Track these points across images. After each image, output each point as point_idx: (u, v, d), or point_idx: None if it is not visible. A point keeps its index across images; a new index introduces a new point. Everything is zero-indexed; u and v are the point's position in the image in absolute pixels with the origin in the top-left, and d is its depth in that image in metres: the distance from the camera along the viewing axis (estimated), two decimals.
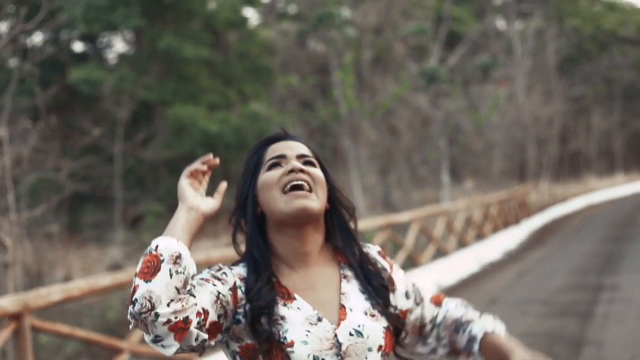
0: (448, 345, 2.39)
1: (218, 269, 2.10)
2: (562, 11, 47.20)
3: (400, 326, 2.24)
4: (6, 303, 5.72)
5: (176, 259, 1.91)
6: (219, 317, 2.01)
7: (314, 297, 2.13)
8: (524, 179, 34.74)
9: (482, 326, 2.34)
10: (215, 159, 2.18)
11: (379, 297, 2.22)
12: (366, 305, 2.16)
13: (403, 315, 2.32)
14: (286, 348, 2.02)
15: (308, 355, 2.02)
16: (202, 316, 1.95)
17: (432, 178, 25.21)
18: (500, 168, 32.10)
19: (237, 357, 2.09)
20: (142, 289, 1.87)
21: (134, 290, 1.89)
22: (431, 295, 2.45)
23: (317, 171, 2.19)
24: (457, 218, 18.77)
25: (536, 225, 27.06)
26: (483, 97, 27.40)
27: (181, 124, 24.90)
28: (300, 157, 2.20)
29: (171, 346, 1.91)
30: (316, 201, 2.13)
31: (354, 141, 21.56)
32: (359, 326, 2.10)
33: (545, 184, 37.78)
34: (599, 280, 14.54)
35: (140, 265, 1.91)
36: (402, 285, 2.36)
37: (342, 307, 2.13)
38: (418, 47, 32.28)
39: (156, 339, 1.91)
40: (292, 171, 2.15)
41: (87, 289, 6.53)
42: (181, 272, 1.91)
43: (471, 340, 2.33)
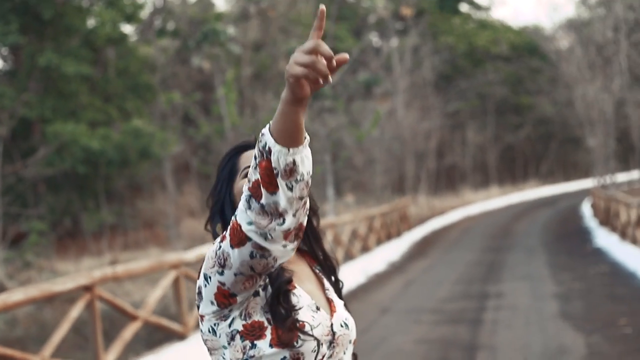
0: None
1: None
2: (437, 29, 48.35)
3: None
4: None
5: (291, 172, 1.85)
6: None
7: (306, 288, 2.25)
8: (404, 192, 35.40)
9: None
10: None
11: (339, 293, 2.36)
12: (341, 302, 2.31)
13: None
14: (300, 328, 2.11)
15: (314, 339, 2.12)
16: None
17: (317, 192, 25.40)
18: (381, 182, 32.62)
19: (237, 337, 2.12)
20: (268, 199, 1.86)
21: (259, 195, 1.88)
22: None
23: None
24: (344, 231, 19.02)
25: (417, 237, 27.63)
26: (364, 113, 27.83)
27: (62, 141, 24.46)
28: None
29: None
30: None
31: None
32: (346, 319, 2.27)
33: (423, 197, 38.59)
34: (484, 288, 15.01)
35: (258, 169, 1.88)
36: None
37: (330, 301, 2.27)
38: None
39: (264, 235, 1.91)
40: None
41: None
42: (300, 180, 1.87)
43: None
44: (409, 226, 27.78)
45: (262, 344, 2.10)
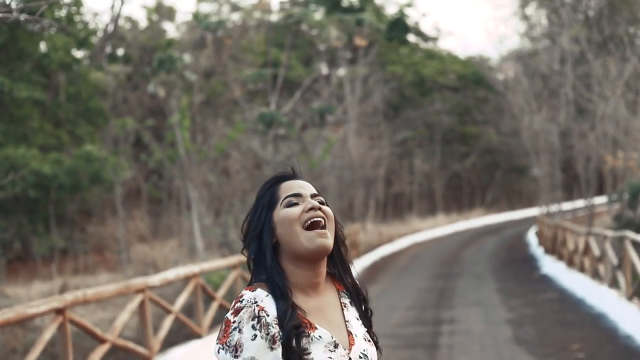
0: None
1: (262, 325, 2.33)
2: (385, 58, 48.88)
3: (378, 348, 2.58)
4: None
5: None
6: None
7: (326, 323, 2.44)
8: (353, 220, 35.67)
9: None
10: None
11: (368, 321, 2.57)
12: (363, 331, 2.52)
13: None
14: None
15: None
16: None
17: None
18: (333, 209, 32.85)
19: None
20: None
21: None
22: None
23: (328, 209, 2.51)
24: None
25: (367, 263, 27.90)
26: (317, 141, 28.12)
27: (13, 165, 24.34)
28: (313, 196, 2.51)
29: None
30: (330, 238, 2.46)
31: (191, 183, 21.69)
32: (365, 350, 2.46)
33: (371, 225, 38.89)
34: (437, 314, 15.30)
35: None
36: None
37: (350, 334, 2.47)
38: (254, 92, 32.80)
39: None
40: (312, 209, 2.45)
41: None
42: None
43: None
44: (359, 253, 28.01)
45: None
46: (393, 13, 54.91)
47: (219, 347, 2.33)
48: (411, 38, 57.38)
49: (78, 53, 31.98)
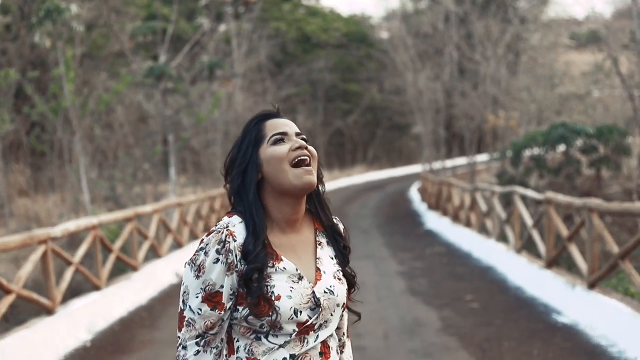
0: None
1: (226, 251, 2.43)
2: (269, 15, 48.68)
3: (353, 283, 2.69)
4: None
5: None
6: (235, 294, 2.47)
7: (296, 259, 2.54)
8: None
9: None
10: None
11: (343, 259, 2.65)
12: (335, 269, 2.61)
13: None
14: (274, 301, 2.40)
15: (291, 308, 2.42)
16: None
17: (155, 173, 25.33)
18: (219, 164, 32.78)
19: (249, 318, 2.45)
20: None
21: None
22: None
23: (313, 149, 2.59)
24: (190, 211, 19.13)
25: None
26: (204, 96, 27.89)
27: None
28: (297, 135, 2.59)
29: None
30: (315, 175, 2.54)
31: (76, 136, 21.25)
32: (331, 286, 2.54)
33: None
34: None
35: None
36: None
37: (318, 270, 2.56)
38: (138, 46, 32.24)
39: None
40: (299, 148, 2.52)
41: None
42: None
43: None
44: None
45: (243, 310, 2.43)
46: None
47: (187, 263, 2.47)
48: None
49: None
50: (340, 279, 2.59)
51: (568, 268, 12.89)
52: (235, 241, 2.42)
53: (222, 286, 2.41)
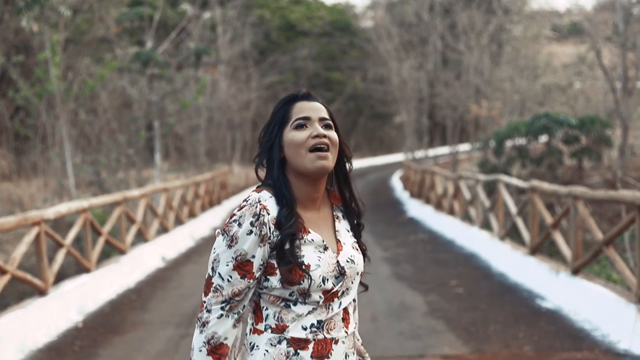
0: None
1: (260, 223, 2.56)
2: (252, 2, 48.61)
3: (364, 255, 2.86)
4: None
5: None
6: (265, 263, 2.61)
7: (319, 231, 2.70)
8: (218, 161, 35.72)
9: None
10: None
11: (357, 233, 2.81)
12: (352, 240, 2.78)
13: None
14: (306, 269, 2.55)
15: (319, 275, 2.58)
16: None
17: (139, 159, 25.37)
18: (203, 150, 32.87)
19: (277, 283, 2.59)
20: None
21: None
22: None
23: (334, 134, 2.71)
24: (175, 196, 19.24)
25: (235, 204, 28.12)
26: (188, 82, 27.95)
27: None
28: (321, 120, 2.71)
29: None
30: (331, 160, 2.68)
31: (61, 121, 21.27)
32: (351, 256, 2.72)
33: (237, 166, 39.06)
34: None
35: None
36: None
37: (338, 241, 2.72)
38: (122, 32, 32.19)
39: None
40: (317, 136, 2.65)
41: None
42: None
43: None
44: (227, 194, 28.16)
45: (273, 279, 2.58)
46: None
47: (219, 232, 2.59)
48: None
49: None
50: (357, 249, 2.76)
51: (549, 255, 13.12)
52: (268, 214, 2.56)
53: (254, 256, 2.54)
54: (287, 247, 2.54)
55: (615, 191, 9.42)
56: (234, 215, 2.58)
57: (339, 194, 2.84)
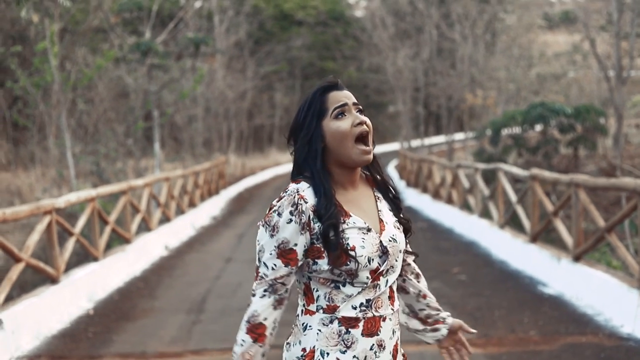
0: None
1: (298, 212, 2.70)
2: None
3: (409, 228, 3.00)
4: None
5: None
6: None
7: (361, 213, 2.84)
8: (213, 151, 35.82)
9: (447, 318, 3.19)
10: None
11: (398, 209, 2.97)
12: (393, 219, 2.93)
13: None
14: (351, 252, 2.70)
15: (365, 256, 2.71)
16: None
17: (137, 148, 25.48)
18: (201, 140, 33.00)
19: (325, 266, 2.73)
20: None
21: None
22: None
23: (369, 120, 2.86)
24: (176, 185, 19.40)
25: (232, 194, 28.33)
26: (185, 72, 28.01)
27: None
28: (355, 105, 2.86)
29: None
30: (372, 151, 2.85)
31: (61, 111, 21.40)
32: (394, 235, 2.85)
33: (233, 157, 39.18)
34: None
35: None
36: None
37: (381, 221, 2.86)
38: (123, 21, 32.22)
39: None
40: (360, 124, 2.79)
41: None
42: None
43: (438, 321, 3.15)
44: (225, 184, 28.31)
45: (322, 262, 2.72)
46: None
47: (261, 224, 2.76)
48: None
49: None
50: (398, 228, 2.89)
51: (547, 243, 13.32)
52: (306, 203, 2.70)
53: (296, 244, 2.69)
54: (332, 235, 2.67)
55: (616, 179, 9.61)
56: (273, 206, 2.71)
57: (373, 179, 2.98)
